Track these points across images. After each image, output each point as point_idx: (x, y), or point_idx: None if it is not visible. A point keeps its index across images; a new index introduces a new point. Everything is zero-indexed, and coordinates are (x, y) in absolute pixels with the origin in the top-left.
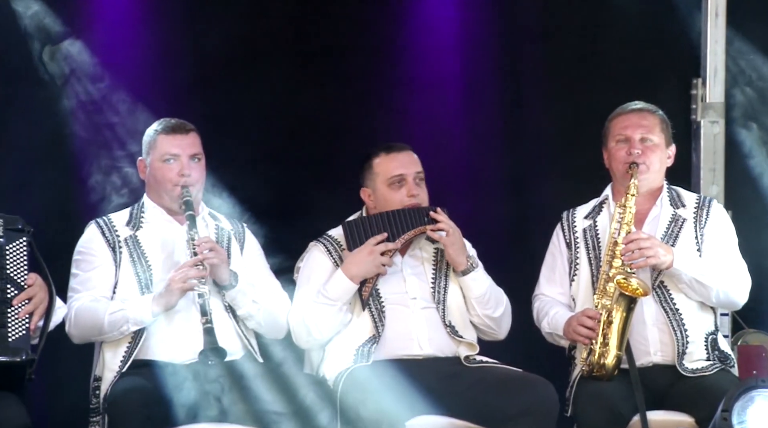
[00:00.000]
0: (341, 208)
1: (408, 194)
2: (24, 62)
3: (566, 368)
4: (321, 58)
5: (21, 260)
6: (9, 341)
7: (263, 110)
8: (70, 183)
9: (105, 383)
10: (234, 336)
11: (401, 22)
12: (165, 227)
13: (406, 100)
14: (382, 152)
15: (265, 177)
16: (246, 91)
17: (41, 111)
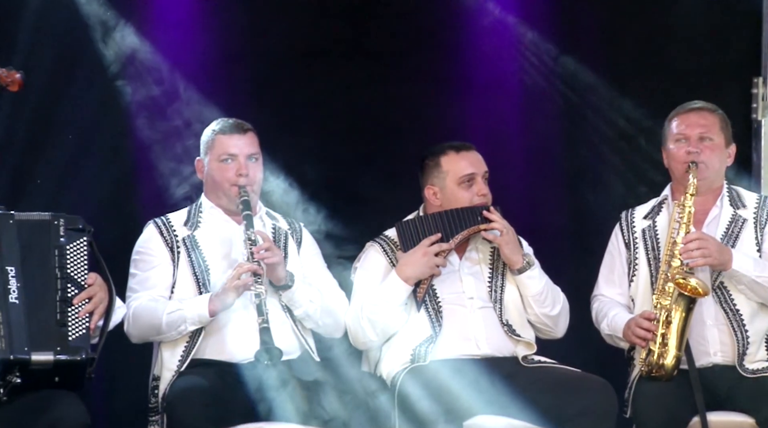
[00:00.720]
0: (399, 207)
1: (478, 193)
2: (87, 62)
3: (625, 368)
4: (379, 59)
5: (81, 260)
6: (69, 340)
7: (322, 110)
8: (129, 183)
9: (163, 382)
10: (291, 335)
11: (460, 22)
12: (222, 227)
13: (464, 101)
14: (451, 150)
15: (323, 176)
16: (305, 91)
17: (103, 111)
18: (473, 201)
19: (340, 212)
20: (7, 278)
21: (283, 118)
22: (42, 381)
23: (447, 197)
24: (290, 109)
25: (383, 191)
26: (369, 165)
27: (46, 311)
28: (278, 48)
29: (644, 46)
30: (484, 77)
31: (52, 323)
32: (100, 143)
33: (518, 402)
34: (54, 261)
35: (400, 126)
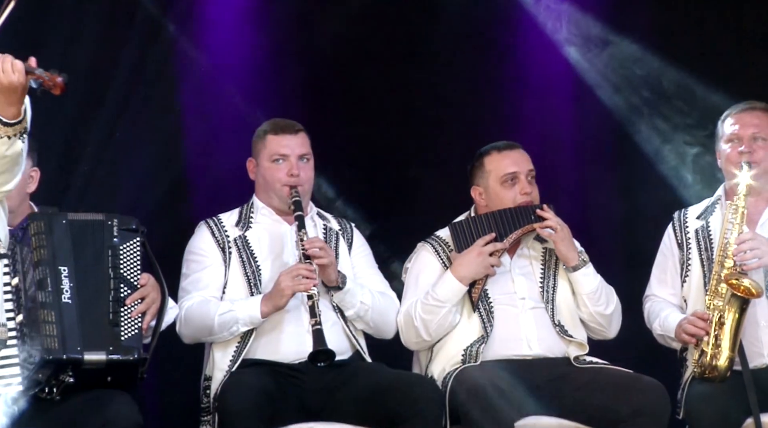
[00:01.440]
0: (449, 207)
1: (521, 192)
2: (137, 62)
3: (677, 369)
4: (430, 59)
5: (134, 260)
6: (122, 340)
7: (373, 110)
8: (182, 184)
9: (215, 382)
10: (343, 336)
11: (510, 21)
12: (274, 228)
13: (515, 101)
14: (494, 150)
15: (373, 177)
16: (356, 92)
17: (156, 112)
18: (516, 200)
19: (391, 212)
20: (60, 278)
21: (335, 118)
22: (95, 380)
23: (491, 196)
24: (341, 109)
25: (435, 192)
26: (421, 166)
27: (98, 311)
28: (329, 48)
29: (697, 45)
30: (534, 76)
31: (104, 323)
32: (153, 143)
33: (570, 402)
34: (107, 261)
35: (452, 127)
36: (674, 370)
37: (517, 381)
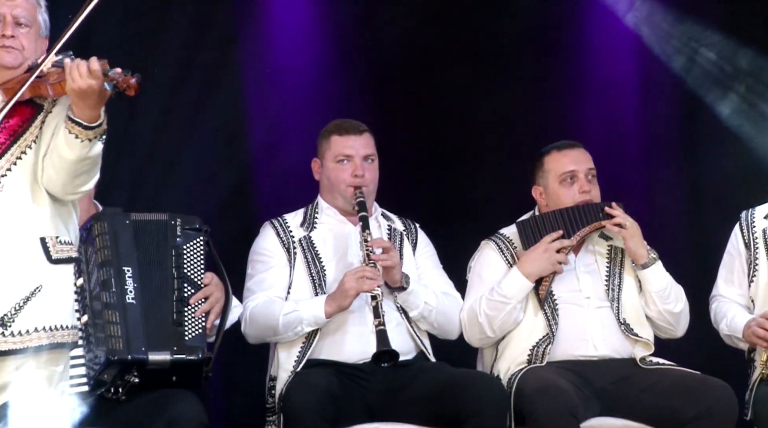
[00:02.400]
0: (513, 208)
1: (580, 191)
2: (203, 63)
3: (745, 370)
4: (495, 60)
5: (198, 260)
6: (185, 339)
7: (437, 111)
8: (247, 184)
9: (280, 383)
10: (407, 336)
11: (575, 22)
12: (338, 228)
13: (580, 101)
14: (554, 149)
15: (437, 177)
16: (420, 93)
17: (221, 113)
18: (575, 199)
19: (454, 213)
20: (124, 278)
21: (399, 119)
22: (159, 380)
23: (550, 196)
24: (405, 110)
25: (498, 192)
26: (484, 166)
27: (162, 311)
28: (394, 49)
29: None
30: (600, 77)
31: (168, 323)
32: (218, 144)
33: (636, 404)
34: (171, 261)
35: (516, 127)
36: (742, 371)
37: (582, 382)
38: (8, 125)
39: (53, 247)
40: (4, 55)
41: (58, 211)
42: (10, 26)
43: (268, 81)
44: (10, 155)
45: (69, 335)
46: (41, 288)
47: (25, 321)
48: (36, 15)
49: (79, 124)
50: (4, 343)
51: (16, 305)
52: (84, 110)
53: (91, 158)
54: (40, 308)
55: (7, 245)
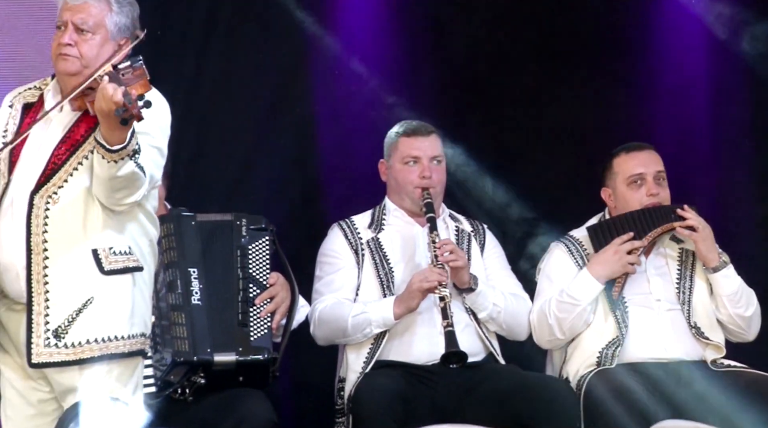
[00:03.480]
0: (583, 209)
1: (647, 193)
2: (272, 63)
3: None
4: (563, 61)
5: (263, 260)
6: (251, 340)
7: (505, 113)
8: (315, 186)
9: (349, 384)
10: (475, 338)
11: (645, 22)
12: (406, 229)
13: (651, 102)
14: (623, 151)
15: (506, 179)
16: (488, 95)
17: (290, 114)
18: (642, 202)
19: (522, 214)
20: (189, 279)
21: (467, 120)
22: (226, 380)
23: (618, 198)
24: (473, 112)
25: (567, 194)
26: (553, 168)
27: (228, 312)
28: (462, 51)
29: None
30: (670, 78)
31: (234, 323)
32: (288, 147)
33: (708, 406)
34: (236, 261)
35: (585, 129)
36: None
37: (652, 384)
38: (72, 135)
39: (105, 259)
40: (61, 63)
41: (113, 223)
42: (69, 34)
43: (337, 84)
44: (68, 166)
45: (126, 345)
46: (93, 300)
47: (78, 332)
48: (104, 19)
49: (103, 146)
50: (58, 354)
51: (69, 317)
52: (107, 131)
53: (122, 177)
54: (93, 319)
55: (62, 258)
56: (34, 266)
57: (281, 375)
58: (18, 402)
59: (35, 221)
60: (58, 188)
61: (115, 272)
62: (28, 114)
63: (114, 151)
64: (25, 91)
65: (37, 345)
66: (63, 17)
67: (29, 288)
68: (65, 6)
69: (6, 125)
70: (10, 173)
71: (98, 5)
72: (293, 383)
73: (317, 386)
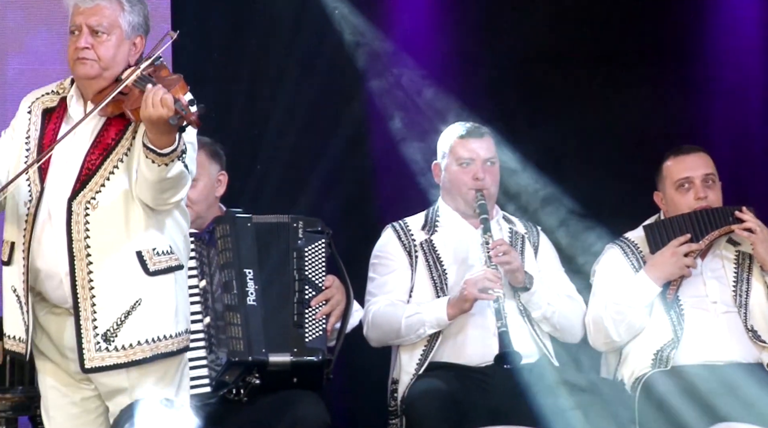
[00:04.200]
0: (639, 212)
1: (695, 197)
2: (328, 64)
3: None
4: (618, 62)
5: (319, 262)
6: (306, 341)
7: (559, 114)
8: (368, 187)
9: (402, 385)
10: (529, 339)
11: (700, 24)
12: (460, 231)
13: (706, 103)
14: (672, 155)
15: (560, 181)
16: (541, 96)
17: (343, 114)
18: (691, 206)
19: (577, 217)
20: (245, 280)
21: (520, 122)
22: (281, 381)
23: (668, 202)
24: (526, 113)
25: (622, 196)
26: (608, 170)
27: (283, 313)
28: (515, 52)
29: None
30: (726, 79)
31: (289, 324)
32: (340, 146)
33: (763, 409)
34: (292, 263)
35: (640, 130)
36: None
37: (708, 386)
38: (102, 140)
39: (150, 260)
40: (80, 67)
41: (153, 222)
42: (84, 37)
43: (389, 84)
44: (104, 171)
45: (173, 343)
46: (141, 302)
47: (127, 335)
48: (118, 20)
49: (153, 150)
50: (109, 358)
51: (117, 320)
52: (156, 136)
53: (171, 178)
54: (142, 321)
55: (107, 262)
56: (78, 272)
57: (335, 376)
58: (61, 403)
59: (75, 228)
60: (96, 193)
61: (160, 272)
62: (50, 119)
63: (165, 154)
64: (43, 95)
65: (88, 350)
66: (76, 21)
67: (74, 294)
68: (77, 10)
69: (27, 132)
70: (42, 182)
71: (111, 6)
72: (347, 384)
73: (370, 387)
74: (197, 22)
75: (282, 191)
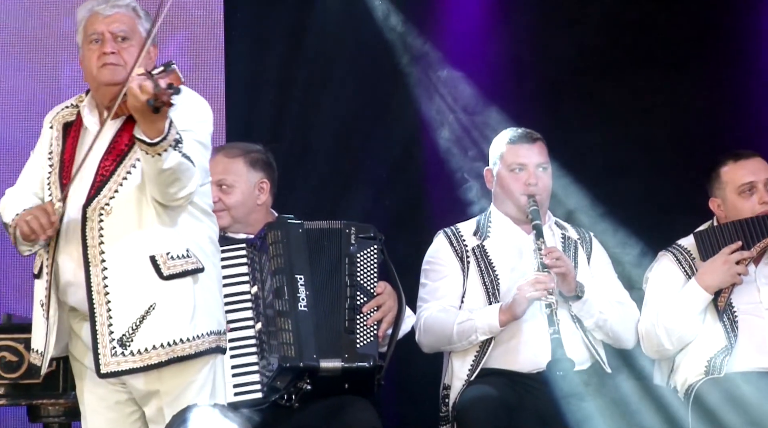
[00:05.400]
0: (690, 218)
1: (760, 202)
2: (378, 72)
3: None
4: (669, 66)
5: (371, 268)
6: (357, 347)
7: (612, 119)
8: (420, 193)
9: (453, 391)
10: (581, 346)
11: (753, 29)
12: (512, 237)
13: (758, 108)
14: (730, 160)
15: (614, 187)
16: (594, 100)
17: (395, 121)
18: (755, 210)
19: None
20: (296, 286)
21: (572, 127)
22: (332, 387)
23: (729, 208)
24: (579, 118)
25: (676, 202)
26: (660, 175)
27: (334, 319)
28: (567, 57)
29: None
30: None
31: (340, 330)
32: (392, 152)
33: None
34: (344, 269)
35: (692, 135)
36: None
37: (763, 394)
38: (116, 146)
39: (164, 264)
40: (107, 73)
41: (168, 226)
42: (109, 43)
43: (441, 90)
44: (117, 177)
45: (191, 347)
46: (155, 306)
47: (143, 339)
48: (135, 26)
49: (143, 141)
50: (125, 362)
51: (133, 324)
52: (145, 126)
53: (169, 169)
54: (157, 325)
55: (121, 267)
56: (93, 278)
57: (386, 382)
58: (99, 407)
59: (90, 234)
60: (110, 199)
61: (175, 276)
62: (70, 133)
63: (155, 143)
64: (63, 110)
65: (104, 355)
66: (97, 29)
67: (90, 300)
68: (98, 19)
69: (50, 147)
70: (65, 194)
71: (128, 14)
72: (398, 390)
73: (422, 393)
74: (251, 29)
75: (335, 198)
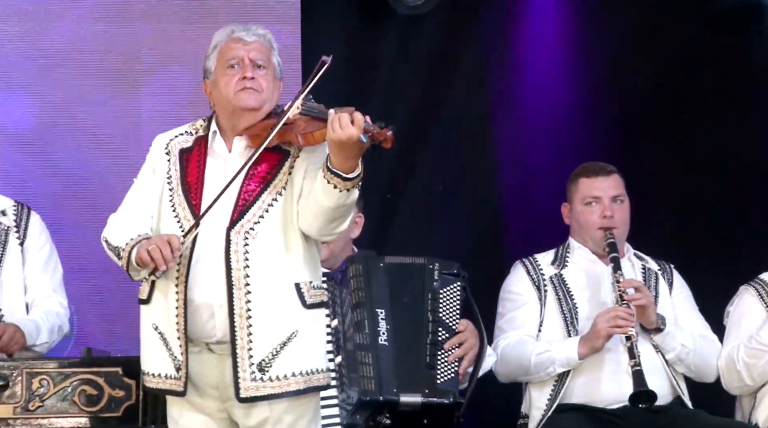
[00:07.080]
0: None
1: None
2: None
3: None
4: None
5: (454, 305)
6: (437, 383)
7: (688, 155)
8: (498, 227)
9: (532, 421)
10: (663, 379)
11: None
12: (590, 267)
13: None
14: None
15: (686, 219)
16: (671, 135)
17: (470, 152)
18: None
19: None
20: (377, 320)
21: (651, 160)
22: (411, 422)
23: None
24: (658, 152)
25: (758, 235)
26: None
27: (415, 354)
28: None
29: None
30: None
31: (421, 365)
32: (469, 186)
33: None
34: (426, 304)
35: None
36: None
37: None
38: (257, 171)
39: (307, 292)
40: (246, 97)
41: (310, 256)
42: (250, 68)
43: (518, 123)
44: (262, 202)
45: (323, 378)
46: (297, 333)
47: (282, 365)
48: (270, 57)
49: (338, 175)
50: (263, 388)
51: (273, 350)
52: (343, 160)
53: (347, 205)
54: (296, 353)
55: (265, 292)
56: (236, 301)
57: (465, 418)
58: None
59: (235, 257)
60: (255, 223)
61: (315, 305)
62: (189, 159)
63: (351, 179)
64: (176, 136)
65: (243, 379)
66: (237, 54)
67: (231, 323)
68: (238, 44)
69: (168, 172)
70: (197, 217)
71: (265, 43)
72: (475, 422)
73: (498, 423)
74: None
75: (412, 230)
